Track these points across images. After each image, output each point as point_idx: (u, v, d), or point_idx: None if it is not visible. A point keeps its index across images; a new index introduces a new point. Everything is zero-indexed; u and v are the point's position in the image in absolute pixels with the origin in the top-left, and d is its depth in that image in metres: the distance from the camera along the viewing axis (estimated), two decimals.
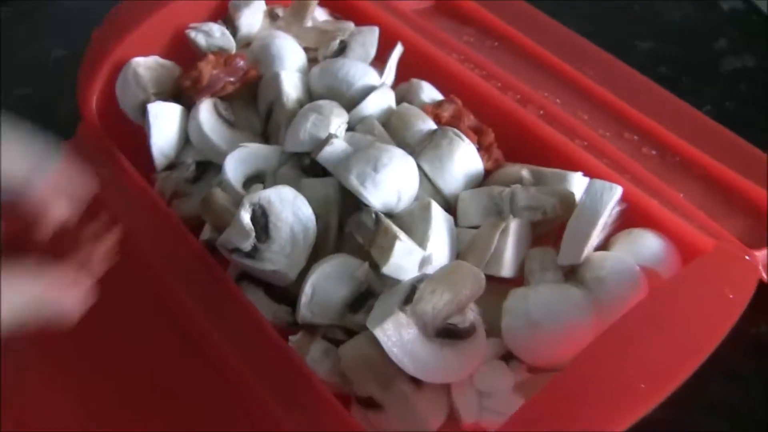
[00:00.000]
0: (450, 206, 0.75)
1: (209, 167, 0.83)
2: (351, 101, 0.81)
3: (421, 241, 0.68)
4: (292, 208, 0.71)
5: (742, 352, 0.76)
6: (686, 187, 0.83)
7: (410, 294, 0.64)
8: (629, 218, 0.73)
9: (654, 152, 0.87)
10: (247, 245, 0.70)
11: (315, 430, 0.63)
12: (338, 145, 0.75)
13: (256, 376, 0.66)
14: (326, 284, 0.68)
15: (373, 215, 0.68)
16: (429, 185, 0.75)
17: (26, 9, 1.21)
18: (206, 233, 0.77)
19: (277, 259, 0.69)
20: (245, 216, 0.69)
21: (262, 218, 0.70)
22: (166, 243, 0.77)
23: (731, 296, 0.62)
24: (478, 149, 0.77)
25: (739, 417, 0.73)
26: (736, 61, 1.04)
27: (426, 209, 0.70)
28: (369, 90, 0.81)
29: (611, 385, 0.57)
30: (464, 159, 0.75)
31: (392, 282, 0.68)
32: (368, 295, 0.68)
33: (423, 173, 0.75)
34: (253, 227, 0.69)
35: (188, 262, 0.75)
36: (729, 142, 0.88)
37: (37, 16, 1.20)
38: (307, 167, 0.76)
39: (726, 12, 1.11)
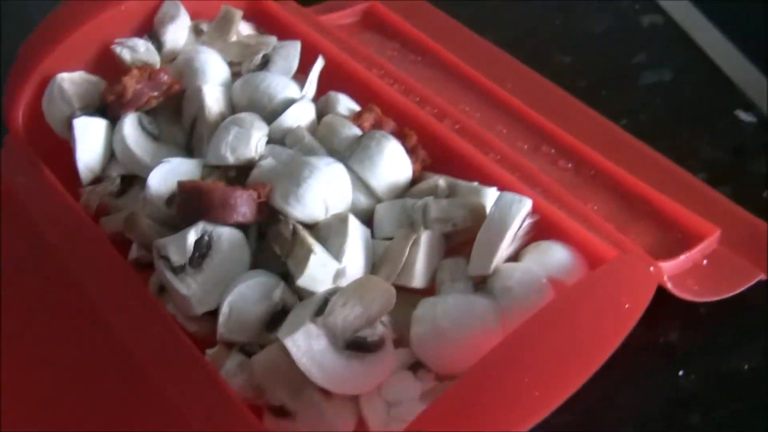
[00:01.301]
0: None
1: (135, 181, 0.84)
2: (272, 114, 0.82)
3: (337, 253, 0.70)
4: (232, 254, 0.72)
5: (652, 359, 0.79)
6: (600, 199, 0.86)
7: (322, 306, 0.66)
8: (540, 230, 0.75)
9: (569, 165, 0.89)
10: (177, 261, 0.71)
11: None
12: (265, 165, 0.77)
13: (172, 386, 0.68)
14: (243, 304, 0.70)
15: (291, 226, 0.70)
16: (363, 186, 0.77)
17: None
18: (134, 252, 0.78)
19: (194, 289, 0.71)
20: (192, 236, 0.71)
21: (204, 248, 0.72)
22: (90, 256, 0.78)
23: (628, 305, 0.64)
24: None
25: (648, 422, 0.75)
26: (653, 75, 1.07)
27: (343, 222, 0.72)
28: (290, 102, 0.83)
29: (506, 392, 0.58)
30: (393, 156, 0.77)
31: (307, 294, 0.69)
32: (284, 313, 0.69)
33: (356, 176, 0.77)
34: (192, 250, 0.71)
35: (110, 274, 0.76)
36: (642, 155, 0.91)
37: None
38: (232, 179, 0.78)
39: (646, 27, 1.14)
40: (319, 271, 0.68)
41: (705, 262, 0.81)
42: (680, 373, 0.78)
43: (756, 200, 0.89)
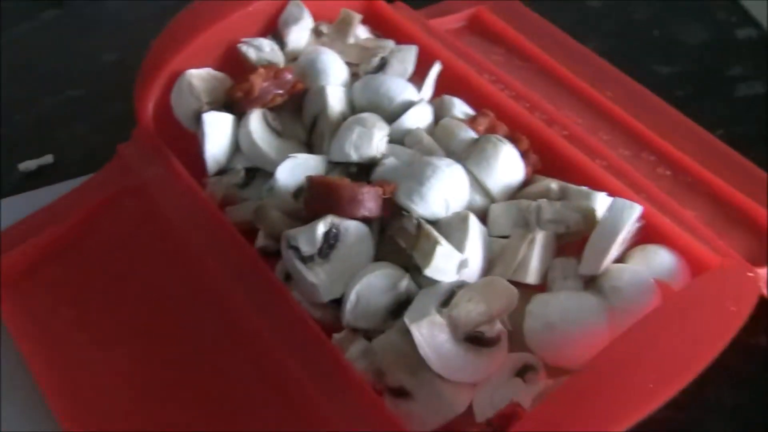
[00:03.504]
0: None
1: (257, 173, 0.90)
2: (392, 115, 0.88)
3: (458, 247, 0.75)
4: (358, 247, 0.78)
5: (743, 360, 0.83)
6: (696, 205, 0.89)
7: (448, 297, 0.72)
8: (644, 234, 0.79)
9: (668, 172, 0.93)
10: (307, 251, 0.76)
11: (352, 415, 0.70)
12: (389, 164, 0.83)
13: (302, 369, 0.73)
14: (369, 293, 0.75)
15: (415, 221, 0.75)
16: (479, 187, 0.82)
17: (75, 9, 1.28)
18: (261, 240, 0.84)
19: (322, 278, 0.76)
20: (321, 228, 0.76)
21: (332, 240, 0.77)
22: (219, 243, 0.84)
23: (734, 309, 0.69)
24: None
25: (740, 419, 0.79)
26: (747, 87, 1.10)
27: (464, 220, 0.77)
28: (408, 105, 0.88)
29: (624, 384, 0.63)
30: (508, 159, 0.82)
31: (431, 283, 0.74)
32: (408, 302, 0.74)
33: (472, 177, 0.81)
34: (321, 241, 0.76)
35: (239, 261, 0.82)
36: (737, 164, 0.94)
37: (85, 16, 1.27)
38: (353, 175, 0.84)
39: (741, 39, 1.17)
40: (444, 262, 0.73)
41: None
42: None
43: None
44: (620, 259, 0.78)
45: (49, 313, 0.86)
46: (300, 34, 0.98)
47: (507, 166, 0.82)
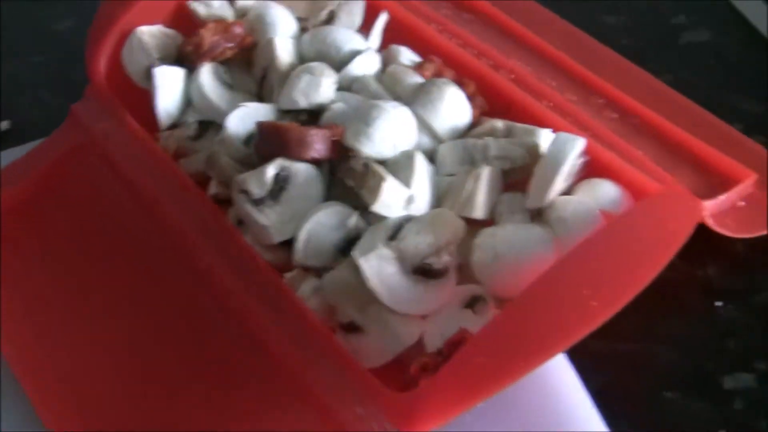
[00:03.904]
0: None
1: (209, 126, 0.91)
2: (340, 64, 0.89)
3: (405, 184, 0.76)
4: (308, 188, 0.79)
5: (690, 291, 0.85)
6: (644, 146, 0.90)
7: (396, 231, 0.73)
8: (590, 170, 0.81)
9: (615, 115, 0.95)
10: (257, 194, 0.78)
11: (305, 351, 0.71)
12: (337, 108, 0.84)
13: (255, 308, 0.75)
14: (320, 231, 0.76)
15: (362, 161, 0.76)
16: (426, 128, 0.83)
17: None
18: (213, 188, 0.85)
19: (272, 219, 0.77)
20: (271, 171, 0.78)
21: (282, 182, 0.78)
22: (174, 192, 0.85)
23: (673, 230, 0.70)
24: None
25: (688, 347, 0.81)
26: (692, 35, 1.12)
27: (410, 158, 0.78)
28: (356, 53, 0.89)
29: (568, 302, 0.64)
30: (454, 101, 0.83)
31: (380, 219, 0.76)
32: (357, 239, 0.76)
33: (419, 119, 0.82)
34: (271, 183, 0.77)
35: (194, 208, 0.83)
36: (683, 106, 0.96)
37: None
38: (303, 122, 0.84)
39: None
40: (390, 197, 0.74)
41: (742, 203, 0.86)
42: (718, 303, 0.83)
43: None
44: (566, 193, 0.79)
45: (13, 274, 0.87)
46: None
47: (453, 107, 0.83)
